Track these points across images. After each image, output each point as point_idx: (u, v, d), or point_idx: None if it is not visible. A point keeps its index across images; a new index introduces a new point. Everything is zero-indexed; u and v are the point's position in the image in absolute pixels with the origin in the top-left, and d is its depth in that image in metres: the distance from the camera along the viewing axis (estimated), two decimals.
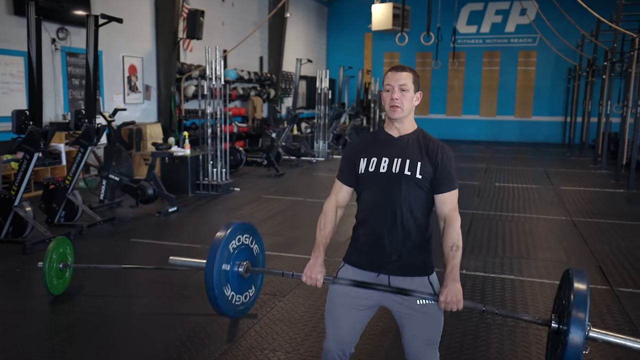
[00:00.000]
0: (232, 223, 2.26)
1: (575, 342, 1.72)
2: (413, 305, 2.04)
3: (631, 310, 3.68)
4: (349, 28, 19.09)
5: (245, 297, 2.37)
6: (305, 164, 11.13)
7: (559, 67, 17.30)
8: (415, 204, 2.03)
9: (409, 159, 2.03)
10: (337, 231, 2.23)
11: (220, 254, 2.15)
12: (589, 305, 1.77)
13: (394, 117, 2.06)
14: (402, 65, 2.13)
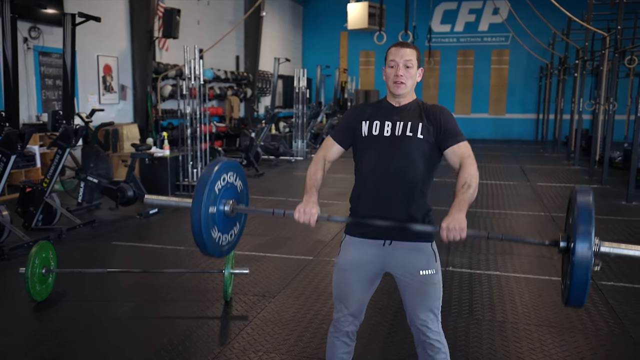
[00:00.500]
0: (217, 162, 2.13)
1: (582, 254, 1.70)
2: (415, 274, 2.10)
3: (614, 303, 3.76)
4: (325, 27, 19.10)
5: (230, 236, 2.28)
6: (284, 164, 11.09)
7: (530, 66, 17.61)
8: (418, 164, 2.08)
9: (410, 122, 2.10)
10: (324, 232, 2.22)
11: (207, 197, 2.04)
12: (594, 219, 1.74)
13: (398, 93, 2.12)
14: (404, 41, 2.19)
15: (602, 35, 10.09)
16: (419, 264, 2.10)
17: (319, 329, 3.31)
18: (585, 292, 1.74)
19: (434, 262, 2.12)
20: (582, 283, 1.72)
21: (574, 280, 1.72)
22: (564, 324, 3.42)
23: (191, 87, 7.38)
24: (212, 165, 2.11)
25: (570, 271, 1.74)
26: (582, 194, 1.80)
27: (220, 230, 2.18)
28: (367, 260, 2.15)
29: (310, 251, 4.95)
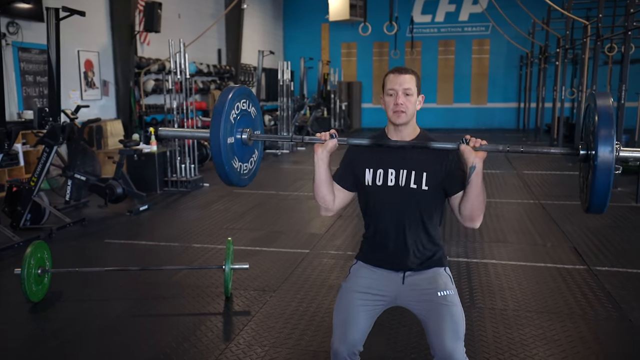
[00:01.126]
0: (230, 90, 2.05)
1: (604, 157, 1.69)
2: (434, 296, 2.03)
3: (611, 288, 3.82)
4: (306, 19, 19.00)
5: (250, 164, 2.24)
6: (270, 157, 11.04)
7: (511, 54, 17.74)
8: (426, 213, 2.06)
9: (414, 171, 2.03)
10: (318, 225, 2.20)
11: (224, 129, 1.98)
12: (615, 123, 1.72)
13: (398, 123, 2.03)
14: (403, 67, 2.08)
15: (582, 23, 10.22)
16: (436, 287, 2.05)
17: (323, 322, 3.31)
18: (607, 197, 1.74)
19: (450, 283, 2.08)
20: (605, 186, 1.71)
21: (597, 184, 1.71)
22: (564, 310, 3.47)
23: (178, 81, 7.28)
24: (224, 94, 2.02)
25: (593, 176, 1.73)
26: (602, 98, 1.77)
27: (240, 159, 2.13)
28: (379, 289, 2.09)
29: (305, 244, 4.94)
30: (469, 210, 1.97)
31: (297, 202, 6.75)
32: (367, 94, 19.06)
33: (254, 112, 2.21)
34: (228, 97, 2.00)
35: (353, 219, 5.86)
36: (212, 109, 2.03)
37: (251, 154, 2.23)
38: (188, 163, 7.45)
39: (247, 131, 2.12)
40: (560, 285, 3.88)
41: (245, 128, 2.12)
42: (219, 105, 2.00)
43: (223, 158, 1.99)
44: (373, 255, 2.14)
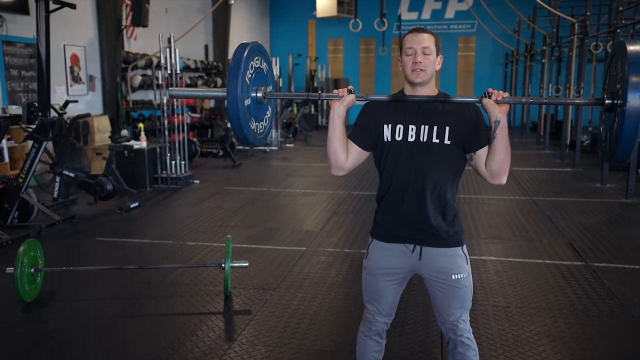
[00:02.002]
0: (245, 47, 1.98)
1: (635, 104, 1.68)
2: (447, 279, 2.04)
3: (610, 284, 3.84)
4: (292, 15, 18.90)
5: (265, 121, 2.19)
6: (259, 154, 10.95)
7: (496, 52, 17.86)
8: (446, 170, 2.00)
9: (436, 126, 1.98)
10: (314, 223, 2.15)
11: (241, 90, 1.91)
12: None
13: (417, 81, 1.98)
14: (422, 27, 2.05)
15: (568, 21, 10.30)
16: (451, 269, 2.04)
17: (326, 321, 3.27)
18: (634, 143, 1.75)
19: (465, 265, 2.06)
20: (633, 133, 1.71)
21: (625, 130, 1.71)
22: (567, 307, 3.47)
23: (169, 77, 7.17)
24: (239, 52, 1.94)
25: (621, 123, 1.72)
26: (633, 44, 1.75)
27: (256, 119, 2.08)
28: (398, 265, 2.09)
29: (301, 242, 4.89)
30: (497, 164, 1.93)
31: (289, 199, 6.68)
32: (355, 89, 19.00)
33: (265, 68, 2.14)
34: (243, 55, 1.92)
35: (348, 215, 5.82)
36: (229, 68, 1.94)
37: (265, 111, 2.17)
38: (178, 159, 7.34)
39: (261, 89, 2.05)
40: (560, 282, 3.88)
41: (260, 86, 2.05)
42: (234, 65, 1.91)
43: (242, 121, 1.93)
44: (388, 221, 2.07)
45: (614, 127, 1.81)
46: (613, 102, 1.83)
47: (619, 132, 1.74)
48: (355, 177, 8.09)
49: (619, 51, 1.82)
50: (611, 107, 1.85)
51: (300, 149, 11.93)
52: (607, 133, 1.92)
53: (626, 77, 1.70)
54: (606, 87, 1.97)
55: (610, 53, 1.94)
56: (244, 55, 1.93)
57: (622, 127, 1.73)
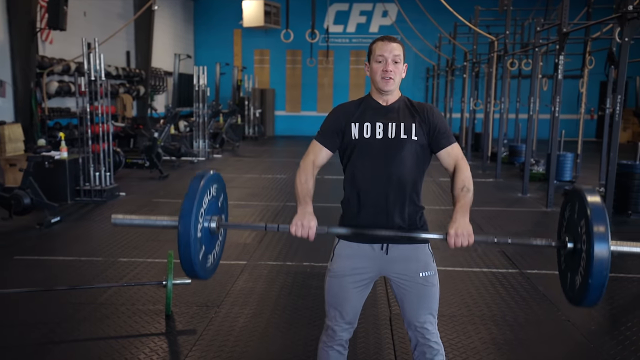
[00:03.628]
0: (202, 175, 1.95)
1: (601, 256, 1.70)
2: (415, 277, 2.05)
3: (544, 290, 4.00)
4: (217, 24, 18.62)
5: (213, 256, 2.12)
6: (186, 165, 10.62)
7: (418, 67, 18.49)
8: (413, 167, 2.03)
9: (403, 123, 2.03)
10: (247, 235, 2.09)
11: (195, 220, 1.86)
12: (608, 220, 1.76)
13: (387, 89, 2.03)
14: (390, 35, 2.10)
15: (487, 39, 10.85)
16: (418, 267, 2.06)
17: (277, 337, 3.16)
18: (603, 293, 1.76)
19: (431, 262, 2.09)
20: (601, 284, 1.73)
21: (594, 282, 1.72)
22: (509, 314, 3.57)
23: (94, 84, 6.78)
24: (197, 180, 1.93)
25: (588, 274, 1.73)
26: (591, 195, 1.82)
27: (207, 249, 2.00)
28: (364, 266, 2.07)
29: (240, 256, 4.74)
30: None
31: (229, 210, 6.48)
32: (281, 101, 19.00)
33: (221, 199, 2.12)
34: (201, 182, 1.92)
35: None
36: (186, 194, 1.89)
37: (215, 242, 2.12)
38: (103, 171, 6.94)
39: (215, 219, 2.00)
40: (499, 290, 4.00)
41: (214, 215, 2.01)
42: (191, 190, 1.90)
43: (192, 253, 1.87)
44: (356, 220, 2.05)
45: (579, 270, 1.83)
46: (575, 247, 1.88)
47: (589, 279, 1.74)
48: (288, 189, 8.03)
49: (577, 198, 1.89)
50: (574, 251, 1.89)
51: (229, 160, 11.70)
52: (572, 276, 1.92)
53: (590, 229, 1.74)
54: (564, 227, 2.01)
55: (567, 197, 2.01)
56: (200, 184, 1.91)
57: (592, 276, 1.73)
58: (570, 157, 8.76)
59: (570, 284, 1.93)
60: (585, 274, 1.77)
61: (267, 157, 12.69)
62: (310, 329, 3.27)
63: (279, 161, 11.56)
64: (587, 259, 1.76)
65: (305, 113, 18.94)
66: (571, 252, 1.90)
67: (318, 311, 3.53)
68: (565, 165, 8.69)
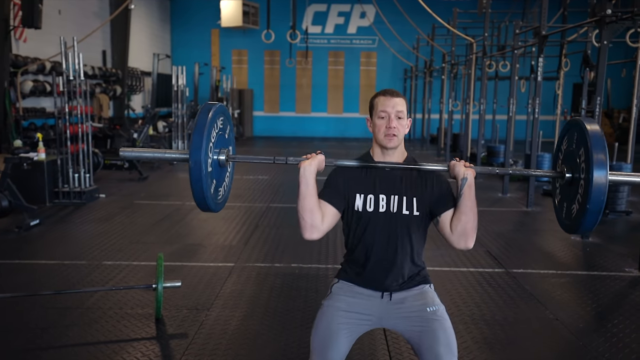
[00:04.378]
0: (210, 106, 1.92)
1: (599, 181, 1.76)
2: (423, 314, 1.98)
3: (531, 289, 4.06)
4: (194, 23, 18.44)
5: (224, 189, 2.11)
6: (165, 166, 10.48)
7: (396, 68, 18.62)
8: (414, 238, 2.02)
9: (405, 196, 2.00)
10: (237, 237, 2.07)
11: (206, 150, 1.85)
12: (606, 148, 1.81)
13: (390, 146, 2.00)
14: (393, 89, 2.05)
15: (466, 41, 10.97)
16: (425, 302, 2.01)
17: (270, 340, 3.14)
18: (599, 219, 1.83)
19: (437, 299, 2.05)
20: (598, 210, 1.79)
21: (591, 207, 1.78)
22: (498, 313, 3.61)
23: (71, 83, 6.64)
24: (205, 111, 1.90)
25: (586, 199, 1.79)
26: (591, 124, 1.86)
27: (217, 183, 2.00)
28: (364, 308, 2.01)
29: (227, 258, 4.70)
30: (463, 224, 1.93)
31: (207, 214, 6.41)
32: (259, 101, 18.91)
33: (228, 130, 2.09)
34: (209, 115, 1.89)
35: (272, 229, 5.71)
36: (194, 126, 1.87)
37: (225, 175, 2.11)
38: (83, 172, 6.80)
39: (224, 152, 2.00)
40: (487, 290, 4.04)
41: (222, 148, 2.01)
42: (200, 123, 1.87)
43: (204, 186, 1.86)
44: (357, 277, 2.06)
45: (577, 201, 1.89)
46: (573, 176, 1.93)
47: (587, 205, 1.80)
48: (271, 189, 8.00)
49: (576, 128, 1.93)
50: (571, 181, 1.94)
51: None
52: (568, 205, 1.98)
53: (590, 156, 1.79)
54: (560, 159, 2.06)
55: (564, 128, 2.05)
56: (210, 115, 1.89)
57: (589, 202, 1.79)
58: (548, 158, 8.92)
59: (566, 213, 2.00)
60: (583, 200, 1.82)
61: None
62: (303, 331, 3.26)
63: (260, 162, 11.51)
64: (585, 186, 1.82)
65: (283, 114, 18.91)
66: (569, 181, 1.95)
67: (310, 313, 3.52)
68: (544, 166, 8.84)
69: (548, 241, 5.50)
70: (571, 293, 4.02)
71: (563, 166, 2.01)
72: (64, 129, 6.66)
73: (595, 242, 5.39)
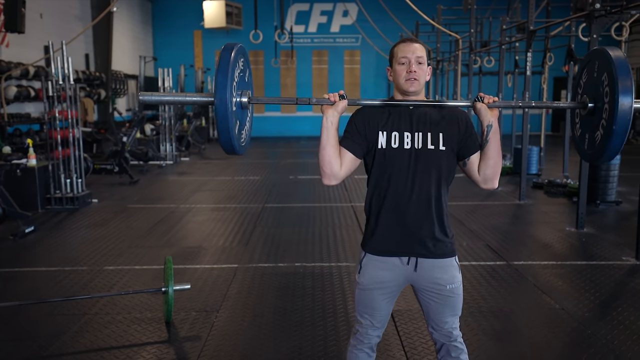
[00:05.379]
0: (232, 46, 1.89)
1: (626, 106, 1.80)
2: (442, 290, 2.04)
3: (534, 280, 4.12)
4: (177, 25, 18.30)
5: (246, 132, 2.10)
6: (154, 169, 10.40)
7: (380, 65, 18.68)
8: (440, 177, 2.00)
9: (429, 132, 1.99)
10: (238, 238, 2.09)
11: (230, 89, 1.83)
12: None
13: (411, 90, 1.99)
14: (412, 37, 2.07)
15: (450, 37, 11.07)
16: (447, 279, 2.04)
17: (284, 339, 3.14)
18: (624, 141, 1.87)
19: (458, 274, 2.08)
20: (624, 131, 1.83)
21: (617, 129, 1.83)
22: (505, 305, 3.66)
23: (59, 88, 6.56)
24: (227, 50, 1.87)
25: (612, 121, 1.83)
26: (615, 51, 1.89)
27: (241, 124, 1.98)
28: (392, 278, 2.06)
29: (230, 259, 4.69)
30: (490, 169, 1.98)
31: (201, 215, 6.40)
32: None
33: (247, 73, 2.07)
34: (232, 54, 1.86)
35: (270, 229, 5.70)
36: (217, 69, 1.85)
37: (246, 118, 2.08)
38: (75, 177, 6.72)
39: (246, 93, 1.99)
40: (491, 282, 4.09)
41: (245, 90, 2.00)
42: (223, 63, 1.84)
43: (230, 127, 1.85)
44: (385, 234, 2.03)
45: (600, 128, 1.92)
46: (596, 105, 1.97)
47: (612, 129, 1.84)
48: (264, 189, 7.98)
49: (598, 57, 1.96)
50: (594, 111, 1.98)
51: (198, 163, 11.53)
52: (591, 135, 2.02)
53: (616, 82, 1.83)
54: (580, 92, 2.09)
55: (584, 60, 2.07)
56: (232, 54, 1.86)
57: (615, 126, 1.83)
58: (535, 151, 9.04)
59: (589, 143, 2.04)
60: (609, 124, 1.86)
61: (236, 159, 12.57)
62: (315, 329, 3.27)
63: (248, 162, 11.47)
64: (610, 110, 1.86)
65: (269, 114, 18.87)
66: (591, 111, 1.99)
67: (319, 311, 3.54)
68: (532, 159, 8.95)
69: (544, 233, 5.58)
70: (573, 283, 4.09)
71: (584, 97, 2.03)
72: (54, 134, 6.56)
73: (590, 232, 5.49)
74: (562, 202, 7.05)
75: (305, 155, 12.76)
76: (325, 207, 6.78)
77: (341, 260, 4.63)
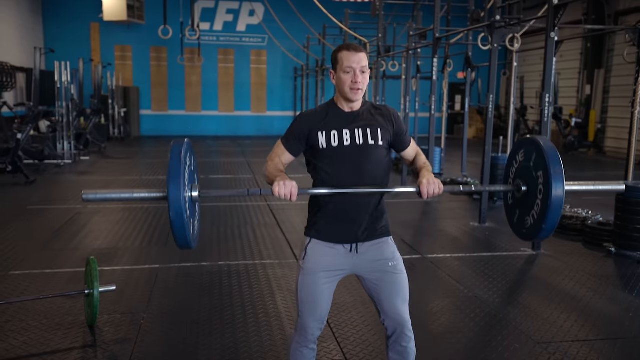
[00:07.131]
0: (180, 145, 1.95)
1: (557, 193, 1.96)
2: (385, 267, 2.16)
3: (448, 271, 4.40)
4: (71, 16, 17.21)
5: (197, 221, 2.13)
6: (52, 168, 9.76)
7: (286, 66, 18.83)
8: (380, 170, 2.12)
9: (369, 128, 2.10)
10: (157, 236, 2.15)
11: (182, 187, 1.88)
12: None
13: (356, 99, 2.10)
14: (355, 44, 2.15)
15: (362, 41, 11.42)
16: (387, 256, 2.17)
17: (220, 333, 3.12)
18: (555, 225, 2.05)
19: (396, 252, 2.21)
20: (556, 218, 2.01)
21: (550, 215, 2.00)
22: (430, 299, 3.88)
23: None
24: (176, 149, 1.93)
25: (546, 208, 2.00)
26: (545, 141, 2.09)
27: (192, 219, 2.00)
28: (337, 264, 2.15)
29: (150, 259, 4.55)
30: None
31: (113, 215, 6.12)
32: (146, 99, 18.16)
33: (194, 166, 2.13)
34: (181, 152, 1.93)
35: None
36: (168, 167, 1.89)
37: (196, 212, 2.13)
38: None
39: (196, 187, 2.03)
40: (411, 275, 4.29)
41: (194, 184, 2.05)
42: (174, 162, 1.91)
43: (185, 224, 1.89)
44: (328, 225, 2.13)
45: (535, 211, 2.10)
46: (529, 189, 2.14)
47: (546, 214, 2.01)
48: None
49: (529, 145, 2.16)
50: (526, 194, 2.16)
51: (100, 162, 10.98)
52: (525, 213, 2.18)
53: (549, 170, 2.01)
54: (512, 175, 2.27)
55: (516, 145, 2.28)
56: (182, 152, 1.93)
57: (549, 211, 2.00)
58: (438, 152, 9.58)
59: (518, 222, 2.23)
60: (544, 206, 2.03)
61: (140, 158, 12.12)
62: (247, 326, 3.28)
63: (154, 162, 11.10)
64: (544, 194, 2.02)
65: (173, 112, 18.35)
66: (525, 194, 2.17)
67: (249, 308, 3.55)
68: (435, 159, 9.48)
69: (452, 228, 5.96)
70: (482, 272, 4.41)
71: (518, 180, 2.22)
72: None
73: (491, 226, 5.94)
74: (464, 200, 7.55)
75: (213, 155, 12.58)
76: (242, 206, 6.76)
77: (264, 257, 4.66)
